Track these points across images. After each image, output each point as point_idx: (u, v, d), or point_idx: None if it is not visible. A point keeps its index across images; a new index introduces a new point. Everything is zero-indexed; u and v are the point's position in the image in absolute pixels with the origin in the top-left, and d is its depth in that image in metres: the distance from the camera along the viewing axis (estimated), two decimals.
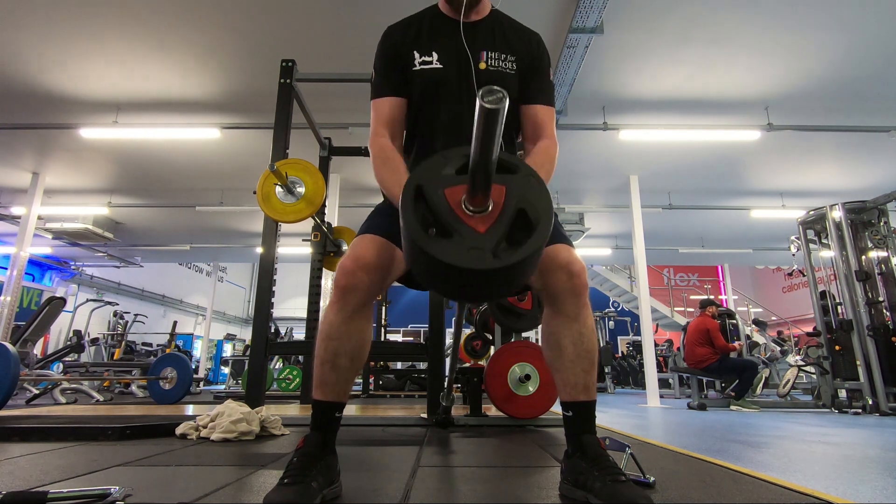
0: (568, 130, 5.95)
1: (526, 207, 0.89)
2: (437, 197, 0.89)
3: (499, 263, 0.82)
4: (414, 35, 1.28)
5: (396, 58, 1.27)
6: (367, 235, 1.15)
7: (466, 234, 0.85)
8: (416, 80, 1.25)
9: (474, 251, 0.83)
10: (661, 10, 4.20)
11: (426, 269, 0.89)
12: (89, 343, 8.36)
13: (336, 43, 4.67)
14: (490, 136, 0.78)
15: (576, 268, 1.10)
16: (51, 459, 1.53)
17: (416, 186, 0.90)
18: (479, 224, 0.87)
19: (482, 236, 0.85)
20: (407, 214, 0.86)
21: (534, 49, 1.30)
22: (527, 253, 0.84)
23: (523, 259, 0.84)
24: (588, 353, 1.11)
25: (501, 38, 1.29)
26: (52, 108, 5.69)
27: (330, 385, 1.12)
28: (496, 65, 1.25)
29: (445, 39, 1.27)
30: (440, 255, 0.82)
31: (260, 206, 2.69)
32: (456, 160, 0.95)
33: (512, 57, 1.27)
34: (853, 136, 6.20)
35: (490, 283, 0.87)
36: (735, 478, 1.34)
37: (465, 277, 0.84)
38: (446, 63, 1.25)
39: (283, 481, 0.97)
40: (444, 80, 1.24)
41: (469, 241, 0.84)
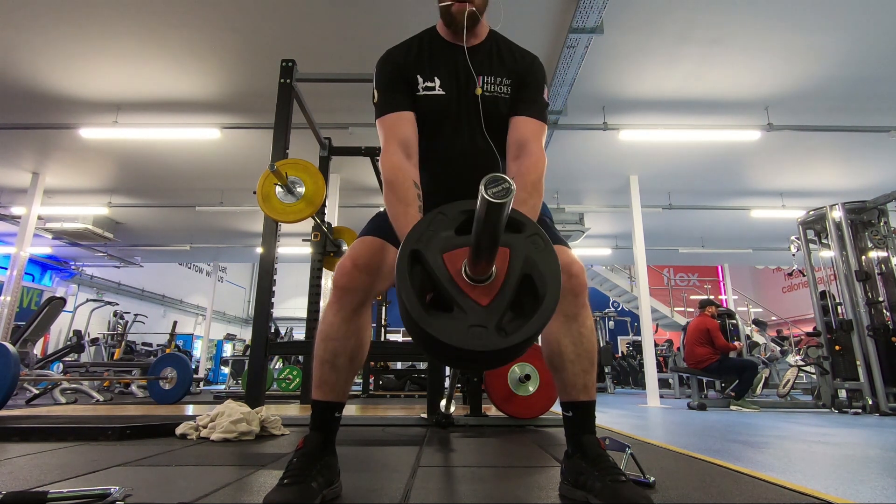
0: (568, 130, 5.95)
1: (532, 273, 0.84)
2: (436, 264, 0.83)
3: (503, 344, 0.78)
4: (416, 58, 1.26)
5: (402, 77, 1.25)
6: (368, 237, 1.16)
7: (468, 308, 0.80)
8: (420, 105, 1.24)
9: (476, 329, 0.78)
10: (661, 10, 4.20)
11: (426, 345, 0.84)
12: (89, 343, 8.36)
13: (336, 43, 4.67)
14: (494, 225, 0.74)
15: (575, 268, 1.10)
16: (51, 459, 1.53)
17: (412, 252, 0.84)
18: (481, 296, 0.81)
19: (485, 311, 0.80)
20: (403, 283, 0.81)
21: (527, 66, 1.28)
22: (532, 331, 0.79)
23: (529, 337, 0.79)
24: (587, 354, 1.11)
25: (498, 61, 1.27)
26: (52, 108, 5.69)
27: (329, 385, 1.12)
28: (492, 90, 1.25)
29: (446, 64, 1.26)
30: (440, 335, 0.78)
31: (260, 206, 2.69)
32: (455, 217, 0.88)
33: (507, 80, 1.26)
34: (853, 136, 6.20)
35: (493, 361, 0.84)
36: (735, 478, 1.34)
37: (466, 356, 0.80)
38: (448, 89, 1.24)
39: (283, 481, 0.97)
40: (446, 106, 1.24)
41: (472, 318, 0.79)
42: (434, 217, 0.89)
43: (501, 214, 0.73)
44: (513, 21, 4.28)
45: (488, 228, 0.75)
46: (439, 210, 0.90)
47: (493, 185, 0.70)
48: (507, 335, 0.79)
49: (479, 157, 1.27)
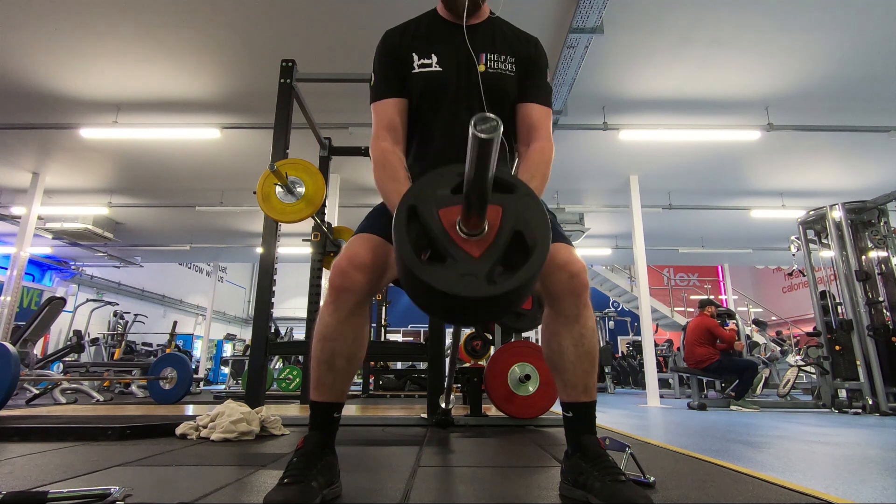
0: (568, 130, 5.95)
1: (522, 230, 0.87)
2: (431, 218, 0.87)
3: (492, 291, 0.81)
4: (412, 37, 1.27)
5: (395, 60, 1.26)
6: (363, 235, 1.15)
7: (461, 258, 0.83)
8: (415, 82, 1.24)
9: (468, 277, 0.81)
10: (661, 10, 4.20)
11: (419, 293, 0.87)
12: (89, 343, 8.36)
13: (336, 43, 4.67)
14: (484, 165, 0.76)
15: (576, 267, 1.09)
16: (51, 459, 1.53)
17: (409, 206, 0.88)
18: (473, 248, 0.85)
19: (476, 261, 0.83)
20: (400, 236, 0.84)
21: (532, 50, 1.29)
22: (521, 281, 0.82)
23: (517, 287, 0.82)
24: (589, 354, 1.10)
25: (501, 39, 1.28)
26: (52, 108, 5.69)
27: (327, 386, 1.11)
28: (496, 66, 1.25)
29: (444, 42, 1.26)
30: (433, 281, 0.81)
31: (260, 206, 2.69)
32: (452, 178, 0.92)
33: (511, 58, 1.26)
34: (853, 136, 6.20)
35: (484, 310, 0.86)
36: (735, 478, 1.34)
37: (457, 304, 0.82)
38: (445, 65, 1.24)
39: (284, 481, 0.97)
40: (443, 82, 1.24)
41: (463, 267, 0.82)
42: (432, 176, 0.93)
43: (491, 151, 0.75)
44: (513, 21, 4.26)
45: (479, 168, 0.77)
46: (436, 171, 0.94)
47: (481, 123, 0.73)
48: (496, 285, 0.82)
49: None
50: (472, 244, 0.85)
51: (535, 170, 1.16)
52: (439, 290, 0.80)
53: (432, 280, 0.81)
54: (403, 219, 0.86)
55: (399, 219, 0.86)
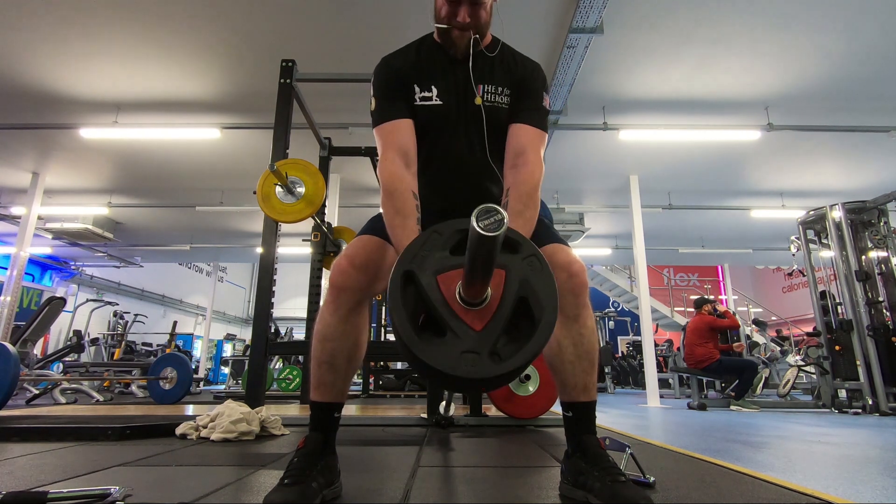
0: (568, 130, 5.95)
1: (528, 297, 0.82)
2: (429, 287, 0.82)
3: (495, 371, 0.76)
4: (413, 66, 1.24)
5: (400, 84, 1.22)
6: (365, 236, 1.16)
7: (461, 333, 0.79)
8: (417, 114, 1.22)
9: (469, 355, 0.77)
10: (662, 10, 4.20)
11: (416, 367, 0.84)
12: (89, 343, 8.36)
13: (336, 43, 4.67)
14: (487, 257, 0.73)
15: (575, 267, 1.09)
16: (51, 459, 1.53)
17: (405, 272, 0.82)
18: (475, 320, 0.80)
19: (478, 336, 0.79)
20: (395, 304, 0.79)
21: (528, 73, 1.25)
22: (526, 358, 0.78)
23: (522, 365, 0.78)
24: (588, 354, 1.10)
25: (500, 69, 1.25)
26: (52, 108, 5.69)
27: (328, 386, 1.12)
28: (492, 99, 1.23)
29: (444, 74, 1.23)
30: (432, 361, 0.76)
31: (260, 206, 2.69)
32: (450, 237, 0.87)
33: (507, 90, 1.24)
34: (853, 136, 6.20)
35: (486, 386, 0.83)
36: (735, 478, 1.34)
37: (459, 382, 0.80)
38: (445, 99, 1.22)
39: (284, 481, 0.97)
40: (444, 115, 1.22)
41: (464, 343, 0.78)
42: (429, 236, 0.87)
43: (494, 247, 0.71)
44: (513, 21, 4.28)
45: (480, 258, 0.74)
46: (434, 229, 0.88)
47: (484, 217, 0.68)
48: (500, 361, 0.77)
49: (478, 167, 1.25)
50: (473, 315, 0.80)
51: (526, 199, 1.11)
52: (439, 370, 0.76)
53: (431, 360, 0.76)
54: (399, 285, 0.81)
55: (394, 285, 0.81)
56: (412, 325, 0.79)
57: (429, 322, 0.83)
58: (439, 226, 0.88)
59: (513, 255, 0.86)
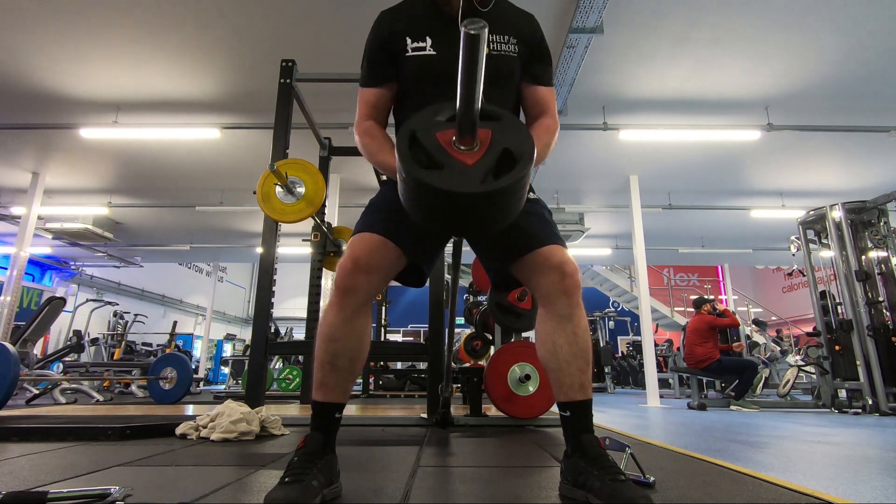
0: (568, 130, 5.95)
1: (510, 147, 0.95)
2: (429, 139, 0.96)
3: (484, 188, 0.89)
4: (407, 20, 1.24)
5: (386, 44, 1.23)
6: (365, 234, 1.14)
7: (456, 165, 0.93)
8: (409, 65, 1.21)
9: (462, 179, 0.90)
10: (661, 10, 4.20)
11: (420, 200, 0.95)
12: (89, 343, 8.36)
13: (336, 43, 4.67)
14: (474, 62, 0.81)
15: (568, 268, 1.10)
16: (51, 459, 1.53)
17: (410, 132, 0.97)
18: (467, 159, 0.94)
19: (470, 168, 0.92)
20: (402, 154, 0.93)
21: (535, 31, 1.29)
22: (511, 180, 0.90)
23: (507, 186, 0.90)
24: (582, 353, 1.11)
25: (503, 20, 1.24)
26: (52, 108, 5.69)
27: (330, 386, 1.12)
28: (499, 48, 1.21)
29: (441, 25, 1.22)
30: (431, 180, 0.89)
31: (260, 206, 2.69)
32: (447, 110, 1.01)
33: (514, 39, 1.23)
34: (853, 136, 6.20)
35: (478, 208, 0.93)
36: (735, 478, 1.34)
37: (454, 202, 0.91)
38: (440, 49, 1.20)
39: (284, 480, 0.97)
40: (438, 65, 1.19)
41: (458, 171, 0.92)
42: (429, 109, 1.03)
43: (480, 47, 0.79)
44: None
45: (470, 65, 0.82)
46: (434, 105, 1.03)
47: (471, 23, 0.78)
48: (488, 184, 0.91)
49: None
50: (465, 155, 0.94)
51: (539, 135, 1.19)
52: (437, 187, 0.89)
53: (431, 179, 0.89)
54: (405, 142, 0.95)
55: (401, 141, 0.95)
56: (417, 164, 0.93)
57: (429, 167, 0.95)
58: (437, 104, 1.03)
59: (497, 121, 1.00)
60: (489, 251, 1.26)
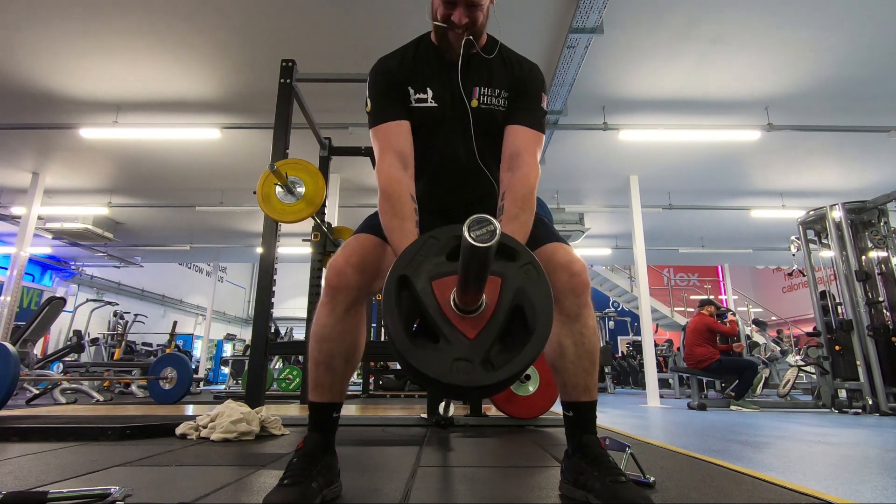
0: (568, 130, 5.95)
1: (523, 305, 0.81)
2: (424, 291, 0.82)
3: (486, 380, 0.76)
4: (409, 69, 1.23)
5: (396, 85, 1.22)
6: (361, 235, 1.15)
7: (455, 340, 0.79)
8: (412, 116, 1.22)
9: (461, 363, 0.77)
10: (661, 9, 4.20)
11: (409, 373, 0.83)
12: (89, 343, 8.36)
13: (336, 43, 4.67)
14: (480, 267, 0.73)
15: (576, 267, 1.09)
16: (51, 459, 1.53)
17: (400, 277, 0.83)
18: (468, 328, 0.80)
19: (471, 344, 0.79)
20: (390, 312, 0.79)
21: (525, 74, 1.24)
22: (518, 367, 0.78)
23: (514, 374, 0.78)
24: (589, 354, 1.10)
25: (497, 71, 1.23)
26: (52, 108, 5.69)
27: (326, 387, 1.11)
28: (488, 102, 1.22)
29: (439, 76, 1.23)
30: (425, 368, 0.76)
31: (260, 206, 2.69)
32: (447, 242, 0.86)
33: (505, 93, 1.23)
34: (853, 136, 6.20)
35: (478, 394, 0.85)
36: (735, 478, 1.34)
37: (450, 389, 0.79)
38: (440, 100, 1.22)
39: (284, 482, 0.97)
40: (439, 117, 1.22)
41: (457, 351, 0.78)
42: (425, 241, 0.87)
43: (486, 257, 0.71)
44: (513, 21, 4.28)
45: (473, 269, 0.74)
46: (431, 234, 0.88)
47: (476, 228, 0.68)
48: (493, 369, 0.77)
49: (473, 169, 1.25)
50: (467, 323, 0.80)
51: (521, 203, 1.10)
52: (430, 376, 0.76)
53: (423, 367, 0.77)
54: (394, 289, 0.81)
55: (389, 289, 0.81)
56: (406, 331, 0.80)
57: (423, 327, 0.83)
58: (436, 231, 0.88)
59: (509, 262, 0.85)
60: None
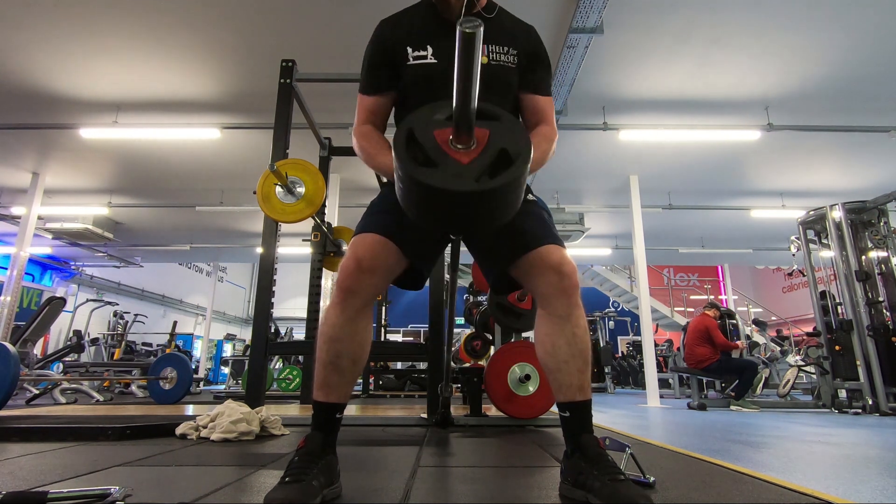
0: (568, 130, 5.95)
1: (507, 147, 0.95)
2: (426, 137, 0.96)
3: (479, 187, 0.90)
4: (407, 29, 1.25)
5: (387, 53, 1.24)
6: (368, 234, 1.14)
7: (451, 163, 0.93)
8: (410, 74, 1.22)
9: (458, 177, 0.90)
10: (661, 10, 4.20)
11: (415, 197, 0.95)
12: (89, 343, 8.36)
13: (336, 43, 4.67)
14: (470, 61, 0.82)
15: (566, 268, 1.10)
16: (51, 459, 1.53)
17: (408, 129, 0.97)
18: (463, 157, 0.94)
19: (466, 166, 0.93)
20: (399, 152, 0.93)
21: (534, 42, 1.30)
22: (505, 180, 0.90)
23: (502, 185, 0.90)
24: (581, 353, 1.11)
25: (503, 31, 1.26)
26: (52, 108, 5.69)
27: (332, 386, 1.12)
28: (498, 58, 1.23)
29: (441, 33, 1.22)
30: (427, 178, 0.90)
31: (260, 206, 2.69)
32: (445, 109, 1.00)
33: (514, 50, 1.25)
34: (853, 136, 6.20)
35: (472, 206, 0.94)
36: (735, 478, 1.34)
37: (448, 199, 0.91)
38: (441, 57, 1.20)
39: (285, 480, 0.97)
40: (439, 74, 1.19)
41: (453, 170, 0.92)
42: (428, 107, 1.03)
43: (475, 46, 0.79)
44: None
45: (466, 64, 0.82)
46: (432, 104, 1.03)
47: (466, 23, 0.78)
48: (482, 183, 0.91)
49: None
50: (461, 154, 0.94)
51: (537, 142, 1.18)
52: (430, 184, 0.89)
53: (426, 178, 0.90)
54: (403, 139, 0.95)
55: (398, 139, 0.95)
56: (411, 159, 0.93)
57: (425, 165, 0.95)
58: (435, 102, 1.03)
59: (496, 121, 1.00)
60: (487, 253, 1.26)
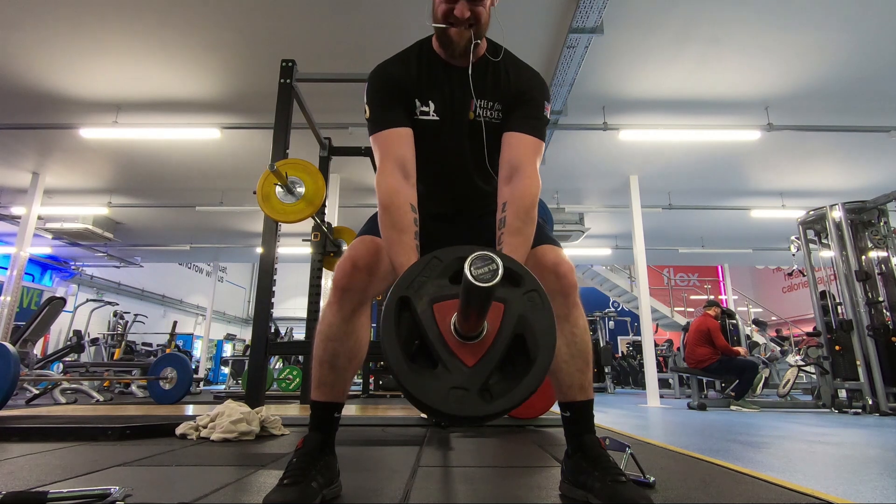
0: (568, 130, 5.95)
1: (525, 333, 0.79)
2: (425, 314, 0.80)
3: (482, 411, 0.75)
4: (414, 78, 1.20)
5: (398, 92, 1.19)
6: (367, 237, 1.15)
7: (453, 367, 0.77)
8: (416, 127, 1.20)
9: (458, 392, 0.75)
10: (661, 9, 4.20)
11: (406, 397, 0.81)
12: (89, 343, 8.36)
13: (336, 43, 4.67)
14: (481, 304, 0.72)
15: (563, 269, 1.10)
16: (51, 459, 1.53)
17: (401, 298, 0.80)
18: (468, 355, 0.78)
19: (469, 372, 0.77)
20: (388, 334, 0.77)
21: (524, 82, 1.21)
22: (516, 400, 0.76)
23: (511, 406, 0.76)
24: (582, 353, 1.11)
25: (495, 83, 1.21)
26: (52, 108, 5.69)
27: (328, 385, 1.12)
28: (484, 115, 1.21)
29: (441, 87, 1.21)
30: (421, 395, 0.75)
31: (260, 206, 2.69)
32: (450, 265, 0.84)
33: (499, 105, 1.21)
34: (853, 136, 6.20)
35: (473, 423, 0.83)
36: (735, 478, 1.34)
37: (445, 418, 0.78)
38: (443, 114, 1.21)
39: (283, 481, 0.97)
40: (440, 130, 1.21)
41: (454, 379, 0.76)
42: (429, 262, 0.84)
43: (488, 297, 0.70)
44: (513, 21, 4.28)
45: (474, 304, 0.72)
46: (434, 255, 0.85)
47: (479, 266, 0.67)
48: (490, 399, 0.76)
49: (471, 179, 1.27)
50: (466, 350, 0.78)
51: (524, 216, 1.08)
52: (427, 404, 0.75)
53: (420, 394, 0.75)
54: (394, 310, 0.79)
55: (389, 310, 0.79)
56: (403, 355, 0.78)
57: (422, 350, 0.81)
58: (440, 252, 0.85)
59: (513, 288, 0.82)
60: None
